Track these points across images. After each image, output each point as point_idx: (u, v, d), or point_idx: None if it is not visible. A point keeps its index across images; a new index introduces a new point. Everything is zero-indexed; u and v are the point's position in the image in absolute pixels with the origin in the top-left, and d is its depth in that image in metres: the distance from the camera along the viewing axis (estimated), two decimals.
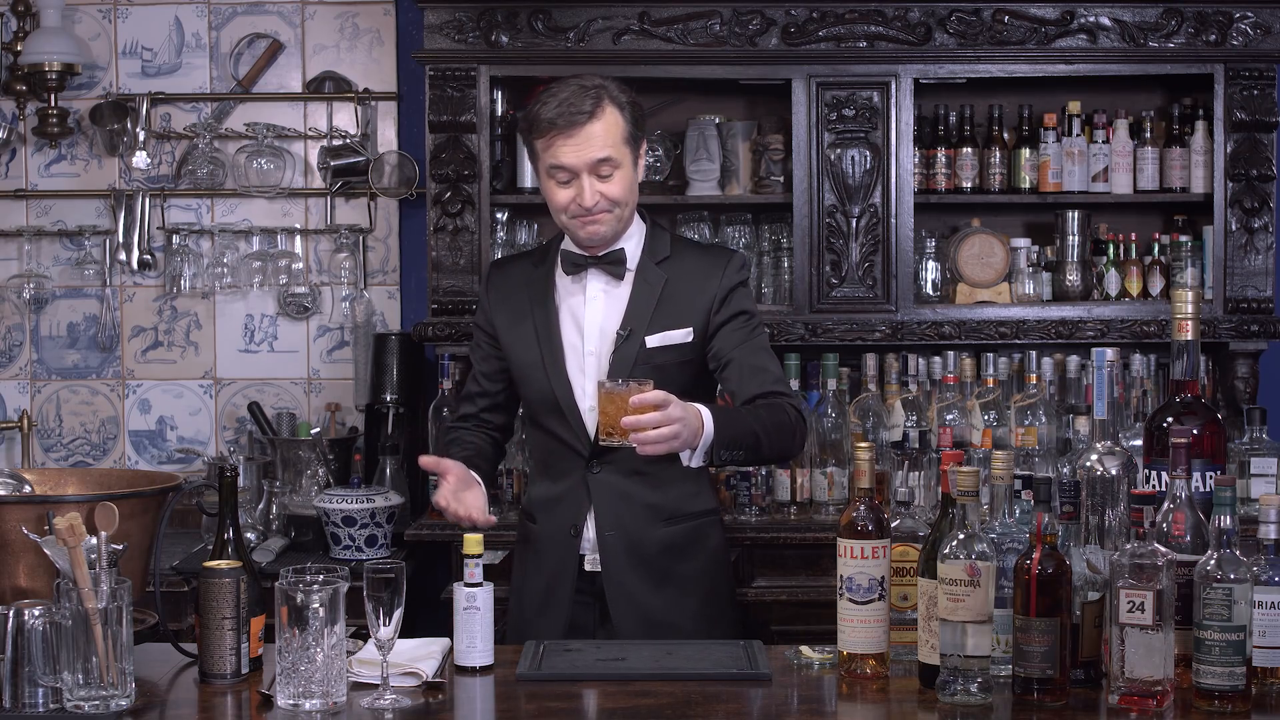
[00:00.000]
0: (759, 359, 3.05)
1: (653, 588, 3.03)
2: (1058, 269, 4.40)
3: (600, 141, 2.94)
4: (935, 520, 2.55)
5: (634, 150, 3.01)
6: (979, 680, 2.40)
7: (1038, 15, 4.23)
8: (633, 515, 3.03)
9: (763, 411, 2.96)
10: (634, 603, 3.03)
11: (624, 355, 3.02)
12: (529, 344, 3.10)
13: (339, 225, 4.64)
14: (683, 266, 3.08)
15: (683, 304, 3.05)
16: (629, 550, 3.03)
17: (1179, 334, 2.64)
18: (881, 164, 4.25)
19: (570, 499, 3.07)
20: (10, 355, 4.68)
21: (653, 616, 3.01)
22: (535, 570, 3.13)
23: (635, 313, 3.04)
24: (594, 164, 2.94)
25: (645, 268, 3.07)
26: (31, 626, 2.36)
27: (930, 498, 3.44)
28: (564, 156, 2.94)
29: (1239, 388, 4.32)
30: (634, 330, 3.03)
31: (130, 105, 4.59)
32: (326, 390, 4.68)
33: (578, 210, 2.97)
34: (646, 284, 3.05)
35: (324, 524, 4.08)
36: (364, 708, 2.43)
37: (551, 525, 3.10)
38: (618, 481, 3.03)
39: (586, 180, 2.95)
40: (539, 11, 4.20)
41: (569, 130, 2.93)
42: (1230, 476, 2.53)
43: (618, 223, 3.02)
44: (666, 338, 3.03)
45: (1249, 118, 4.24)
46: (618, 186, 2.97)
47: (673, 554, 3.06)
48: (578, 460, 3.06)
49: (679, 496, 3.05)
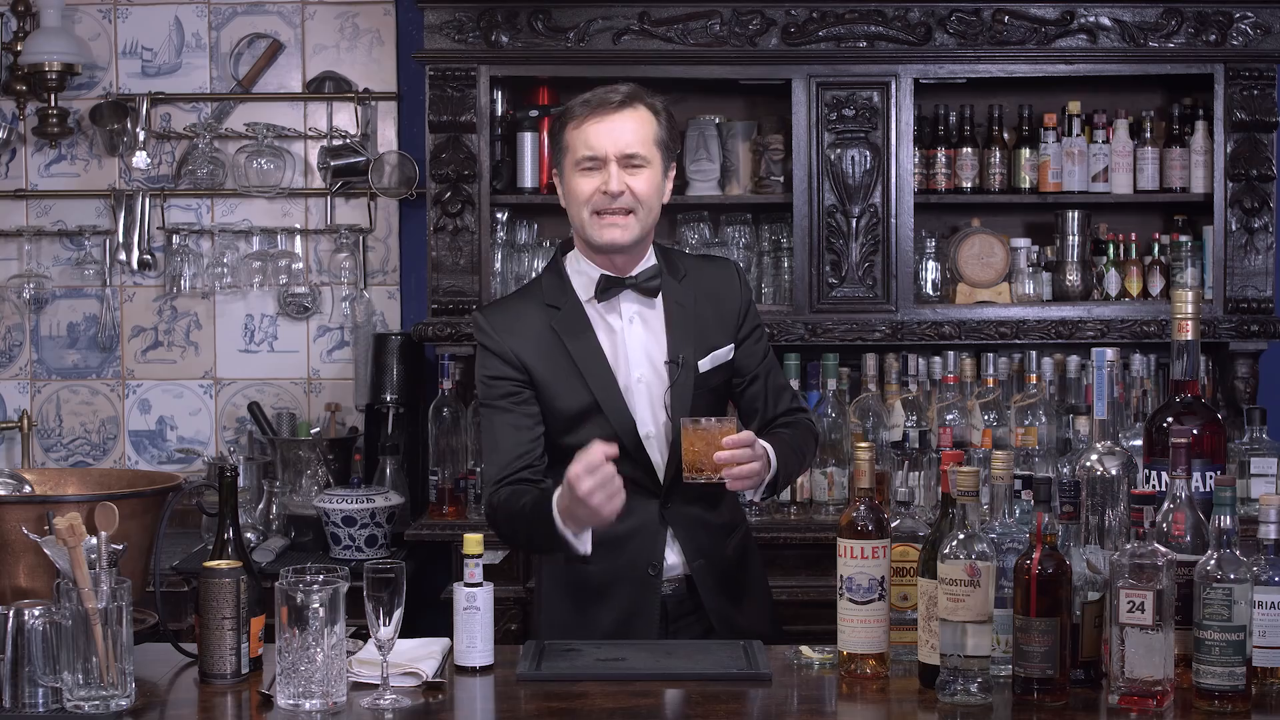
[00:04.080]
0: (778, 377, 3.09)
1: (739, 602, 2.99)
2: (1058, 269, 4.40)
3: (632, 133, 2.87)
4: (935, 520, 2.55)
5: (664, 159, 2.93)
6: (979, 680, 2.40)
7: (1038, 15, 4.23)
8: (711, 539, 2.98)
9: (797, 434, 3.01)
10: (733, 625, 2.94)
11: (683, 385, 2.92)
12: (575, 385, 2.90)
13: (339, 225, 4.64)
14: (701, 283, 3.00)
15: (715, 321, 2.98)
16: (718, 575, 2.97)
17: (1179, 334, 2.64)
18: (881, 164, 4.25)
19: (642, 536, 2.91)
20: (10, 355, 4.68)
21: (747, 631, 2.91)
22: (604, 611, 2.93)
23: (680, 338, 2.94)
24: (623, 155, 2.85)
25: (670, 288, 2.97)
26: (31, 626, 2.36)
27: (930, 498, 3.44)
28: (594, 139, 2.85)
29: (1239, 388, 4.32)
30: (685, 357, 2.93)
31: (130, 105, 4.59)
32: (326, 390, 4.68)
33: (601, 202, 2.85)
34: (680, 306, 2.96)
35: (324, 524, 4.08)
36: (364, 708, 2.43)
37: (620, 565, 2.91)
38: (691, 510, 2.94)
39: (614, 168, 2.85)
40: (539, 11, 4.20)
41: (602, 112, 2.86)
42: (1230, 476, 2.53)
43: (640, 228, 2.89)
44: (714, 359, 2.97)
45: (1249, 118, 4.24)
46: (645, 184, 2.87)
47: (743, 565, 3.04)
48: (646, 496, 2.90)
49: (729, 508, 3.03)
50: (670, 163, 2.95)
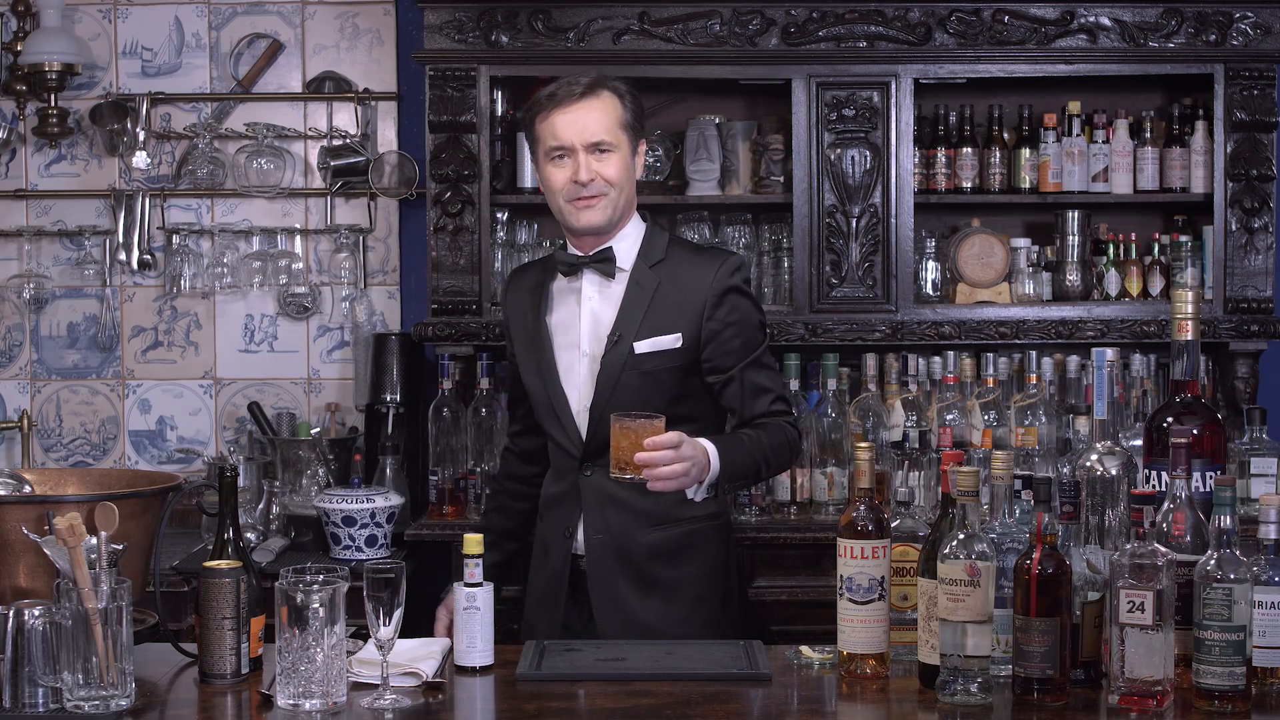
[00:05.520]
0: (760, 378, 3.05)
1: (638, 592, 3.01)
2: (1058, 269, 4.40)
3: (597, 121, 2.98)
4: (935, 520, 2.55)
5: (632, 140, 3.04)
6: (979, 680, 2.40)
7: (1038, 15, 4.23)
8: (620, 520, 3.02)
9: (763, 436, 2.99)
10: (617, 607, 3.01)
11: (613, 360, 3.01)
12: (529, 348, 3.12)
13: (339, 225, 4.64)
14: (676, 270, 3.06)
15: (674, 309, 3.03)
16: (617, 555, 3.02)
17: (1179, 334, 2.64)
18: (881, 164, 4.24)
19: (566, 500, 3.09)
20: (10, 355, 4.68)
21: (635, 619, 3.00)
22: (540, 568, 3.16)
23: (626, 317, 3.03)
24: (590, 144, 2.98)
25: (639, 270, 3.06)
26: (31, 626, 2.36)
27: (930, 498, 3.44)
28: (560, 131, 2.98)
29: (1239, 388, 4.32)
30: (623, 335, 3.02)
31: (130, 105, 4.59)
32: (326, 390, 4.68)
33: (573, 190, 3.00)
34: (639, 287, 3.05)
35: (324, 524, 4.08)
36: (364, 708, 2.44)
37: (551, 524, 3.13)
38: (605, 486, 2.99)
39: (583, 157, 2.98)
40: (539, 11, 4.20)
41: (566, 103, 2.98)
42: (1230, 476, 2.54)
43: (612, 209, 3.02)
44: (656, 343, 3.01)
45: (1249, 118, 4.24)
46: (613, 168, 3.00)
47: (662, 560, 3.03)
48: (571, 462, 3.07)
49: (671, 502, 3.00)
50: (638, 141, 3.07)
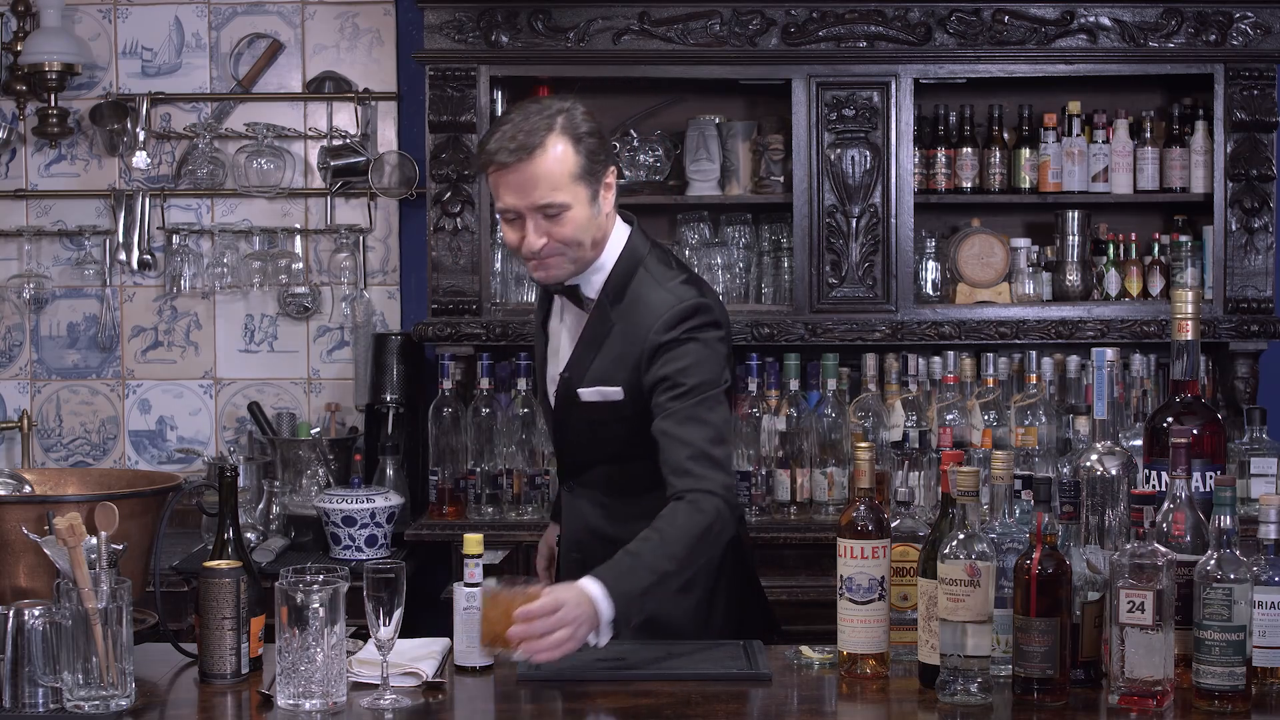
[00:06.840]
0: (682, 431, 2.70)
1: None
2: (1058, 269, 4.40)
3: (545, 183, 2.69)
4: (935, 520, 2.55)
5: (591, 187, 2.74)
6: (979, 680, 2.40)
7: (1038, 15, 4.23)
8: (593, 541, 2.88)
9: (670, 531, 2.62)
10: None
11: (562, 397, 2.89)
12: (539, 349, 3.08)
13: (339, 225, 4.64)
14: (631, 314, 2.80)
15: (619, 360, 2.81)
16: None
17: (1179, 334, 2.64)
18: (881, 164, 4.25)
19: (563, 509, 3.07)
20: (10, 355, 4.68)
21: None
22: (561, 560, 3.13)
23: (578, 358, 2.86)
24: (536, 207, 2.71)
25: (602, 306, 2.83)
26: (31, 626, 2.36)
27: (930, 498, 3.45)
28: (504, 194, 2.73)
29: (1239, 388, 4.32)
30: (571, 377, 2.86)
31: (130, 105, 4.59)
32: (326, 390, 4.68)
33: (527, 253, 2.76)
34: (598, 325, 2.83)
35: (324, 524, 4.08)
36: (364, 708, 2.43)
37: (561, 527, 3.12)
38: (585, 509, 2.93)
39: (531, 223, 2.72)
40: (539, 11, 4.20)
41: (509, 168, 2.69)
42: (1230, 476, 2.53)
43: (573, 264, 2.79)
44: (600, 393, 2.82)
45: (1249, 118, 4.24)
46: (568, 228, 2.72)
47: None
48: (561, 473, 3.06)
49: None
50: (601, 179, 2.76)
